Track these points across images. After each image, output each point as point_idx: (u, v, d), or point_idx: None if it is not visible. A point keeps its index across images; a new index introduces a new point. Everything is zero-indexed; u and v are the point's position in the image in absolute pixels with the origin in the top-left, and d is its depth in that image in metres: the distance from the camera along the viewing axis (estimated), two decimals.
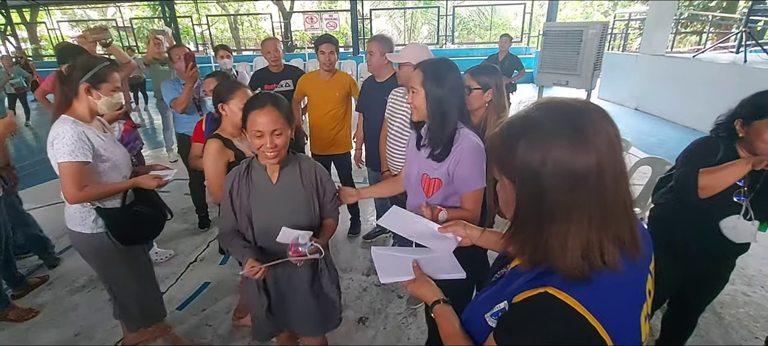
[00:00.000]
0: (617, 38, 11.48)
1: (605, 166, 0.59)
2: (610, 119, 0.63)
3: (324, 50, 2.77)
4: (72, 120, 1.58)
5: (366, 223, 3.56)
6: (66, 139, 1.51)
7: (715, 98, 1.44)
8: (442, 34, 14.44)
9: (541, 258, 0.65)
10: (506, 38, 5.93)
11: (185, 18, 15.53)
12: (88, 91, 1.59)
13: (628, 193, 0.64)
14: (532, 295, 0.64)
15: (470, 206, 1.50)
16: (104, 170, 1.66)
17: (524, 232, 0.67)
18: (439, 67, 1.44)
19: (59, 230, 3.54)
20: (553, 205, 0.61)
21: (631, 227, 0.64)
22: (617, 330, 0.60)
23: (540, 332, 0.62)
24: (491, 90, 1.89)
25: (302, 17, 12.50)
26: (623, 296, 0.65)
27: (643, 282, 0.69)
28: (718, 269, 1.70)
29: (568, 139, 0.60)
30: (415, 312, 2.48)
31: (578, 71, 6.40)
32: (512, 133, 0.65)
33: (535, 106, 0.66)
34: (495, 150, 0.70)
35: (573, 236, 0.61)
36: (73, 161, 1.52)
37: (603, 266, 0.61)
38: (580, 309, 0.59)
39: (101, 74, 1.61)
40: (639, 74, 7.99)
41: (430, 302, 0.99)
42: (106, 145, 1.67)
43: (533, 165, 0.61)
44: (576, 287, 0.61)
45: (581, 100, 0.65)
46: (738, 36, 7.54)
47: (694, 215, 1.55)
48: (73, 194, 1.55)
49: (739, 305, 2.45)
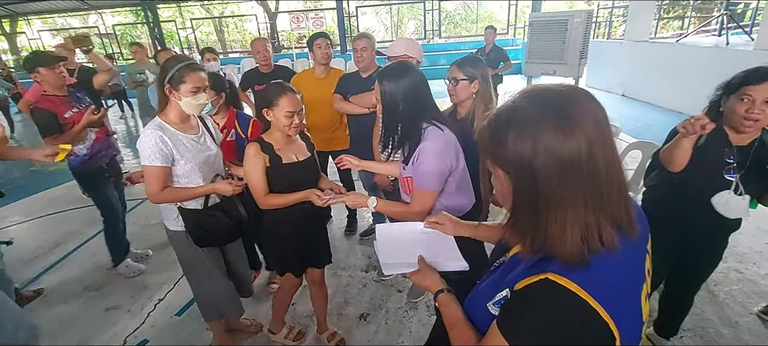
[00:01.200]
0: (601, 26, 11.61)
1: (595, 147, 0.60)
2: (596, 101, 0.64)
3: (320, 44, 2.78)
4: (157, 123, 1.65)
5: (362, 220, 3.56)
6: (144, 144, 1.59)
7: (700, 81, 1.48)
8: (429, 29, 14.47)
9: (541, 245, 0.65)
10: (491, 30, 5.96)
11: (169, 22, 15.33)
12: (170, 92, 1.63)
13: (621, 172, 0.64)
14: (533, 281, 0.64)
15: (417, 202, 1.51)
16: (185, 172, 1.71)
17: (523, 221, 0.68)
18: (394, 74, 1.47)
19: (46, 246, 3.49)
20: (548, 192, 0.61)
21: (627, 207, 0.65)
22: (619, 312, 0.61)
23: (543, 317, 0.63)
24: (477, 80, 1.90)
25: (288, 17, 12.42)
26: (623, 277, 0.66)
27: (641, 262, 0.70)
28: (712, 246, 1.74)
29: (555, 125, 0.60)
30: (416, 305, 2.49)
31: (565, 60, 6.47)
32: (501, 124, 0.66)
33: (521, 96, 0.66)
34: (486, 143, 0.70)
35: (571, 220, 0.61)
36: (149, 165, 1.60)
37: (601, 248, 0.62)
38: (581, 293, 0.60)
39: (178, 75, 1.61)
40: (624, 61, 8.10)
41: (433, 291, 0.99)
42: (192, 147, 1.71)
43: (525, 155, 0.61)
44: (576, 272, 0.61)
45: (565, 85, 0.66)
46: (719, 19, 7.68)
47: (686, 194, 1.58)
48: (152, 194, 1.65)
49: (733, 282, 2.50)
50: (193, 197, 1.73)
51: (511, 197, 0.68)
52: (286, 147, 1.75)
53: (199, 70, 1.65)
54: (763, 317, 2.21)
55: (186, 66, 1.62)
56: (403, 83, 1.44)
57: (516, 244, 0.77)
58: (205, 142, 1.80)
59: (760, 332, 2.14)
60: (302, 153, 1.82)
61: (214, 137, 1.89)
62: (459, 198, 1.61)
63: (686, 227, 1.64)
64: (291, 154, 1.76)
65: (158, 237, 3.50)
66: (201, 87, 1.65)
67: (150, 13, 11.12)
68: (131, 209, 4.07)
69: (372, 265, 2.92)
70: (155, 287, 2.84)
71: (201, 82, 1.65)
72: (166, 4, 15.20)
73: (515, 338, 0.65)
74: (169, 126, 1.67)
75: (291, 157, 1.75)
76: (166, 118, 1.68)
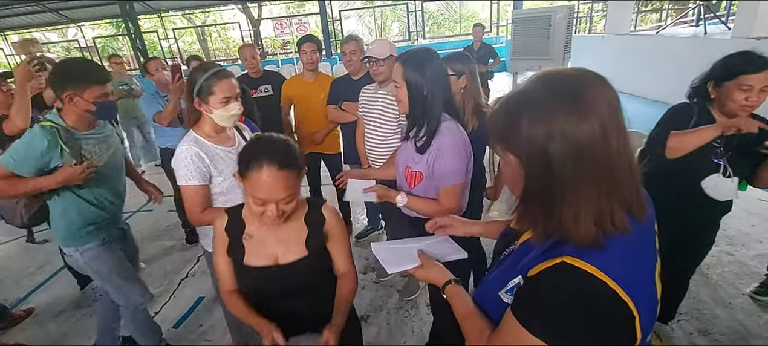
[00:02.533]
0: (582, 21, 11.82)
1: (609, 130, 0.60)
2: (607, 83, 0.63)
3: (306, 50, 2.76)
4: (192, 138, 1.53)
5: (357, 223, 3.55)
6: (180, 162, 1.48)
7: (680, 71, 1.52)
8: (413, 30, 14.53)
9: (554, 230, 0.65)
10: (479, 28, 6.03)
11: (151, 33, 15.10)
12: (199, 106, 1.51)
13: (632, 155, 0.64)
14: (548, 266, 0.64)
15: (447, 201, 1.49)
16: (223, 189, 1.57)
17: (536, 206, 0.67)
18: (418, 58, 1.43)
19: (34, 266, 3.39)
20: (562, 175, 0.61)
21: (637, 189, 0.66)
22: (636, 291, 0.61)
23: (562, 300, 0.62)
24: (465, 76, 1.92)
25: (271, 23, 12.34)
26: (636, 257, 0.66)
27: (652, 242, 0.71)
28: (705, 229, 1.77)
29: (570, 109, 0.60)
30: (416, 303, 2.49)
31: (550, 55, 6.54)
32: (513, 110, 0.65)
33: (533, 80, 0.66)
34: (497, 129, 0.69)
35: (585, 204, 0.61)
36: (186, 185, 1.49)
37: (614, 231, 0.62)
38: (599, 274, 0.60)
39: (206, 86, 1.47)
40: (606, 54, 8.25)
41: (441, 283, 0.98)
42: (231, 161, 1.54)
43: (539, 139, 0.61)
44: (591, 254, 0.61)
45: (577, 69, 0.65)
46: (696, 10, 7.88)
47: (677, 178, 1.61)
48: (193, 215, 1.53)
49: (724, 265, 2.56)
50: None
51: (522, 183, 0.68)
52: None
53: (227, 78, 1.50)
54: (755, 297, 2.26)
55: (213, 75, 1.48)
56: (429, 69, 1.41)
57: (526, 230, 0.76)
58: None
59: (752, 311, 2.20)
60: None
61: None
62: None
63: (679, 211, 1.67)
64: None
65: (152, 250, 3.44)
66: (232, 96, 1.50)
67: (131, 24, 10.93)
68: None
69: (370, 266, 2.91)
70: None
71: (231, 91, 1.50)
72: (148, 16, 14.96)
73: (534, 323, 0.65)
74: (204, 140, 1.54)
75: None
76: (201, 132, 1.55)
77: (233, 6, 15.48)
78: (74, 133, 1.63)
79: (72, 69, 1.61)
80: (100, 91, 1.59)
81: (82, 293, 2.84)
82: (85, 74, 1.58)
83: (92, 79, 1.58)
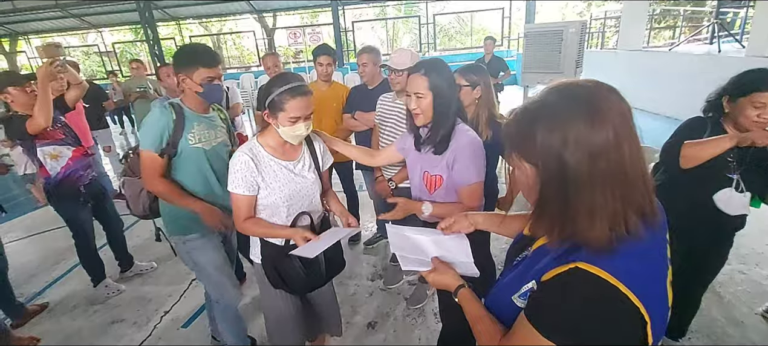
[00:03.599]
0: (594, 37, 11.81)
1: (622, 138, 0.62)
2: (620, 95, 0.66)
3: (321, 62, 2.82)
4: (250, 146, 1.51)
5: (366, 230, 3.57)
6: (231, 166, 1.48)
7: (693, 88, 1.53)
8: (424, 42, 14.65)
9: (569, 234, 0.67)
10: (490, 41, 6.08)
11: (168, 40, 15.44)
12: (267, 117, 1.46)
13: (644, 162, 0.67)
14: (562, 271, 0.66)
15: (467, 199, 1.52)
16: (267, 205, 1.54)
17: (551, 211, 0.69)
18: (438, 67, 1.47)
19: (49, 261, 3.47)
20: (577, 181, 0.63)
21: (650, 196, 0.68)
22: (648, 298, 0.63)
23: (575, 305, 0.64)
24: (480, 87, 1.95)
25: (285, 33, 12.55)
26: (649, 264, 0.67)
27: (664, 249, 0.72)
28: (717, 245, 1.76)
29: (585, 117, 0.62)
30: (423, 311, 2.49)
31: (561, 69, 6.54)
32: (529, 119, 0.68)
33: (548, 91, 0.69)
34: (512, 138, 0.72)
35: (600, 208, 0.63)
36: (232, 192, 1.49)
37: (627, 236, 0.64)
38: (612, 280, 0.61)
39: (278, 101, 1.40)
40: (618, 70, 8.22)
41: (453, 288, 0.99)
42: (283, 177, 1.52)
43: (555, 146, 0.64)
44: (605, 260, 0.63)
45: (591, 81, 0.68)
46: (710, 28, 7.84)
47: (690, 192, 1.62)
48: (237, 222, 1.54)
49: (737, 283, 2.53)
50: (272, 236, 1.56)
51: (537, 190, 0.70)
52: None
53: (303, 96, 1.40)
54: (767, 317, 2.22)
55: (288, 91, 1.39)
56: (448, 77, 1.47)
57: (542, 235, 0.78)
58: (302, 170, 1.58)
59: (765, 331, 2.16)
60: None
61: (319, 163, 1.69)
62: None
63: (692, 225, 1.66)
64: None
65: (164, 250, 3.48)
66: (301, 117, 1.42)
67: (150, 31, 11.21)
68: (134, 223, 4.06)
69: (378, 273, 2.93)
70: (161, 299, 2.83)
71: (302, 111, 1.41)
72: (166, 23, 15.33)
73: (548, 327, 0.66)
74: (263, 149, 1.51)
75: None
76: (264, 141, 1.52)
77: (249, 15, 15.79)
78: (185, 112, 1.70)
79: (183, 53, 1.71)
80: (207, 73, 1.65)
81: (95, 289, 2.90)
82: (193, 58, 1.66)
83: (200, 62, 1.64)
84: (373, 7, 18.83)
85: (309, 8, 15.83)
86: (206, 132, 1.76)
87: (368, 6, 18.01)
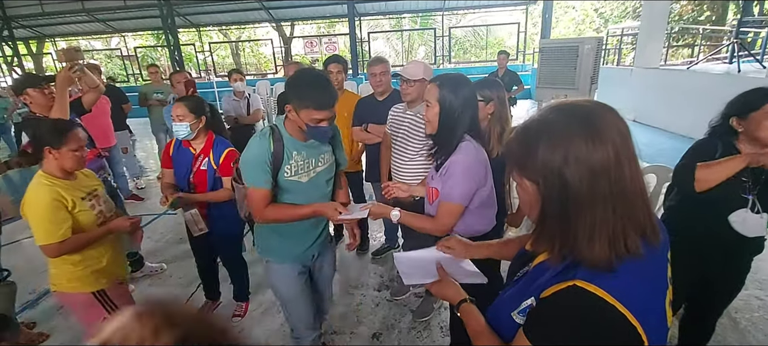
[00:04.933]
0: (611, 53, 11.70)
1: (622, 156, 0.63)
2: (619, 115, 0.68)
3: (332, 70, 2.85)
4: None
5: (374, 239, 3.57)
6: None
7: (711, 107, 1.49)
8: (439, 55, 14.73)
9: (569, 251, 0.67)
10: (504, 55, 6.08)
11: (188, 46, 15.84)
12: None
13: (643, 182, 0.67)
14: (560, 288, 0.66)
15: (441, 215, 1.52)
16: None
17: (552, 228, 0.70)
18: (454, 83, 1.49)
19: None
20: (578, 198, 0.64)
21: (650, 214, 0.68)
22: (646, 316, 0.63)
23: (572, 323, 0.64)
24: (493, 102, 1.96)
25: (302, 42, 12.77)
26: (648, 283, 0.67)
27: (664, 269, 0.72)
28: (734, 269, 1.71)
29: (585, 136, 0.64)
30: (429, 325, 2.47)
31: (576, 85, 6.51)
32: (531, 137, 0.69)
33: (549, 110, 0.70)
34: (514, 155, 0.73)
35: (600, 225, 0.64)
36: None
37: (626, 254, 0.64)
38: (609, 298, 0.61)
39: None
40: (635, 87, 8.13)
41: (455, 302, 1.01)
42: None
43: (556, 164, 0.65)
44: (603, 278, 0.63)
45: (590, 100, 0.70)
46: (730, 47, 7.71)
47: (704, 213, 1.58)
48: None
49: (754, 310, 2.45)
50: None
51: (538, 207, 0.71)
52: None
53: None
54: None
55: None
56: (462, 94, 1.47)
57: (542, 252, 0.78)
58: None
59: None
60: None
61: None
62: (479, 217, 1.63)
63: (706, 248, 1.63)
64: None
65: (174, 252, 3.55)
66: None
67: (171, 36, 11.54)
68: (146, 224, 4.15)
69: (384, 284, 2.92)
70: (170, 299, 2.86)
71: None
72: (187, 29, 15.75)
73: (545, 343, 0.67)
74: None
75: None
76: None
77: (267, 24, 16.13)
78: (285, 139, 1.57)
79: (298, 85, 1.49)
80: (316, 115, 1.46)
81: None
82: (307, 94, 1.46)
83: (312, 102, 1.44)
84: (389, 18, 19.05)
85: (326, 18, 16.08)
86: (305, 162, 1.61)
87: (385, 17, 18.23)
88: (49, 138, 1.66)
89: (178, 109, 2.12)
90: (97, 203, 1.82)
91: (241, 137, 2.60)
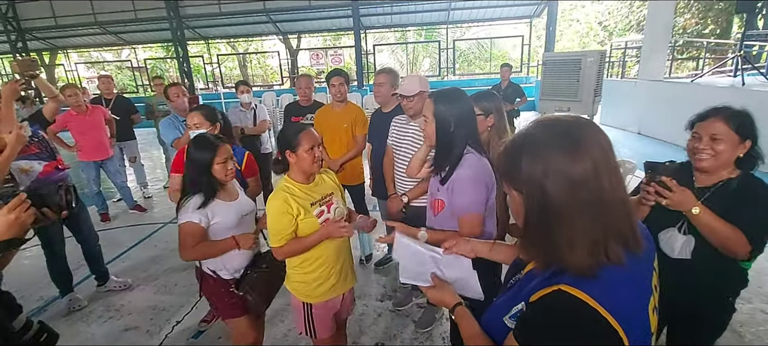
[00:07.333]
0: (615, 66, 11.73)
1: (600, 169, 0.66)
2: (601, 130, 0.71)
3: (334, 83, 2.91)
4: None
5: (377, 250, 3.58)
6: None
7: None
8: (444, 67, 14.85)
9: (552, 259, 0.71)
10: (507, 68, 6.14)
11: (197, 57, 16.11)
12: None
13: (625, 191, 0.71)
14: (546, 293, 0.69)
15: (465, 228, 1.54)
16: None
17: (535, 236, 0.73)
18: (449, 97, 1.53)
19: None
20: (558, 209, 0.67)
21: (631, 224, 0.71)
22: (628, 321, 0.65)
23: (557, 326, 0.68)
24: (492, 115, 1.98)
25: (308, 54, 12.95)
26: (631, 289, 0.70)
27: (648, 277, 0.75)
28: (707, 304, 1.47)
29: (565, 149, 0.67)
30: (431, 335, 2.47)
31: (579, 98, 6.57)
32: (516, 149, 0.73)
33: (534, 125, 0.74)
34: (502, 166, 0.77)
35: (579, 235, 0.67)
36: None
37: (607, 262, 0.67)
38: (592, 303, 0.64)
39: None
40: (639, 100, 8.13)
41: (450, 305, 1.05)
42: None
43: (537, 176, 0.68)
44: (587, 283, 0.66)
45: (573, 116, 0.74)
46: (734, 61, 7.71)
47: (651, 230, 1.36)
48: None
49: (759, 323, 2.42)
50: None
51: (523, 216, 0.74)
52: None
53: None
54: None
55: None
56: (457, 109, 1.51)
57: (529, 260, 0.82)
58: None
59: None
60: None
61: None
62: (493, 220, 1.66)
63: (674, 285, 1.38)
64: None
65: (177, 261, 3.58)
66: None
67: (180, 49, 11.76)
68: (152, 233, 4.20)
69: (387, 294, 2.93)
70: (173, 309, 2.90)
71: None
72: (195, 41, 16.04)
73: (532, 345, 0.70)
74: None
75: None
76: None
77: (274, 36, 16.38)
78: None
79: None
80: None
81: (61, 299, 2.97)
82: None
83: None
84: (394, 31, 19.28)
85: (332, 31, 16.32)
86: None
87: (390, 30, 18.45)
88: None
89: (194, 117, 2.24)
90: None
91: (247, 147, 2.68)
